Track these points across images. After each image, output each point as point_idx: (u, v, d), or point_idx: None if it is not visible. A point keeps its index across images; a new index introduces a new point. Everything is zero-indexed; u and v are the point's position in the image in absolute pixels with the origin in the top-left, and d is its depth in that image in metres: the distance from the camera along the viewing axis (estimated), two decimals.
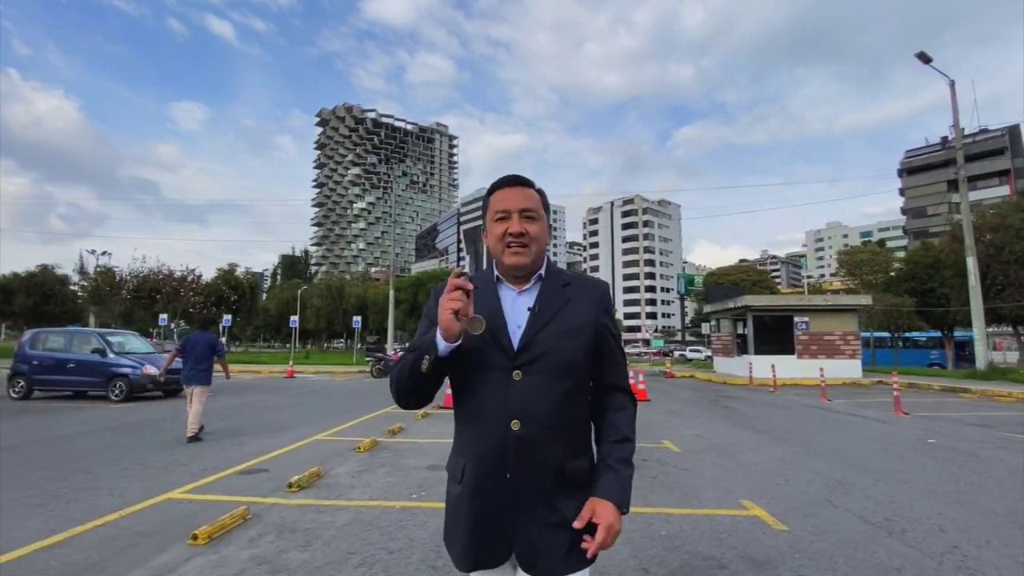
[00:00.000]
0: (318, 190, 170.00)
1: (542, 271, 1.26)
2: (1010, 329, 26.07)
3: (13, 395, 11.68)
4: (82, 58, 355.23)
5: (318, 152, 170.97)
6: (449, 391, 10.91)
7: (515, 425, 1.12)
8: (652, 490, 4.63)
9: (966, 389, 14.51)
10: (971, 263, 17.85)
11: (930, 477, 5.20)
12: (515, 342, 1.16)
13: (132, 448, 6.44)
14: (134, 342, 13.17)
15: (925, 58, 17.90)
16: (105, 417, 9.13)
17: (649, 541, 3.40)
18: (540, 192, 1.27)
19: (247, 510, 3.88)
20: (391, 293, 27.80)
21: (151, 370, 11.65)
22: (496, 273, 1.27)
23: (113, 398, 11.31)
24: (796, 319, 19.44)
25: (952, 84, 18.64)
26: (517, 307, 1.21)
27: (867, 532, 3.59)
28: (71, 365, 11.67)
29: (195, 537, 3.33)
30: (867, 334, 29.69)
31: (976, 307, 17.73)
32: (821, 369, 14.81)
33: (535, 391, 1.13)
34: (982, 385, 15.08)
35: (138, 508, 4.03)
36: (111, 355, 11.67)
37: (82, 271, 39.46)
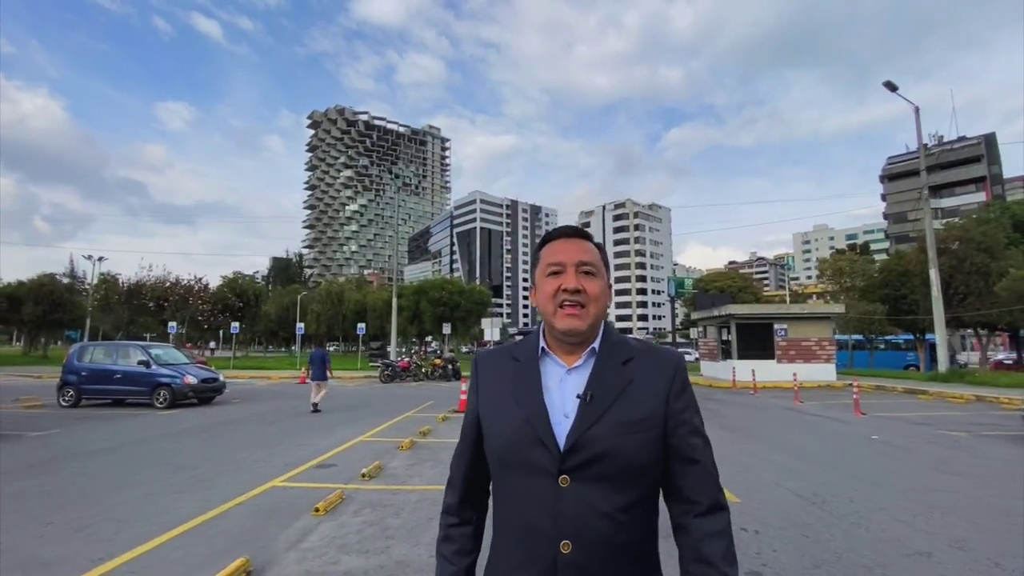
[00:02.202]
0: (310, 192, 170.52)
1: (596, 343, 1.06)
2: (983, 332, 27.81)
3: (63, 403, 12.80)
4: (66, 57, 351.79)
5: (310, 154, 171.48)
6: (464, 396, 11.94)
7: (565, 547, 0.93)
8: None
9: (925, 391, 16.06)
10: (933, 275, 19.49)
11: (860, 465, 6.62)
12: (561, 439, 0.97)
13: (210, 448, 7.68)
14: (172, 353, 14.33)
15: (891, 86, 19.51)
16: (162, 423, 10.33)
17: None
18: (599, 247, 1.12)
19: (341, 493, 5.18)
20: (394, 301, 29.07)
21: (191, 379, 12.85)
22: (543, 343, 1.09)
23: (158, 405, 12.49)
24: (776, 326, 20.96)
25: (917, 110, 20.28)
26: (565, 390, 1.02)
27: (797, 502, 4.98)
28: (118, 375, 12.83)
29: (317, 510, 4.63)
30: (845, 337, 31.41)
31: (938, 315, 19.36)
32: (795, 374, 16.32)
33: (589, 504, 0.94)
34: (941, 387, 16.65)
35: (257, 492, 5.32)
36: (155, 366, 12.84)
37: (72, 275, 40.24)
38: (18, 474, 6.14)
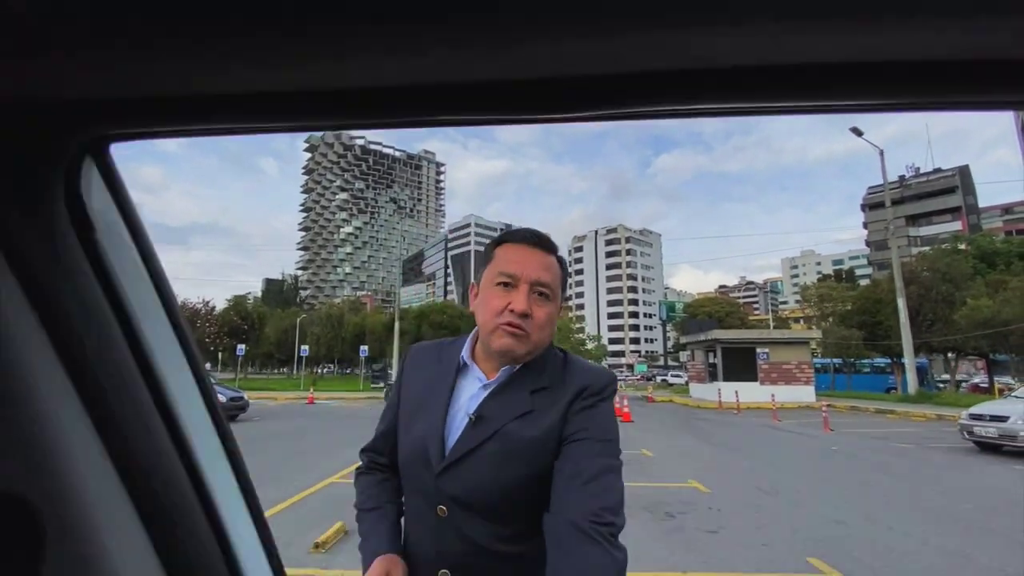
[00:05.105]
0: (305, 214, 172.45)
1: (522, 365, 0.92)
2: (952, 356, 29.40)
3: None
4: None
5: (306, 177, 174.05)
6: None
7: None
8: (635, 476, 7.27)
9: (893, 411, 17.48)
10: (901, 303, 21.12)
11: (814, 468, 7.95)
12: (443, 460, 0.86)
13: (259, 457, 8.79)
14: None
15: (857, 132, 21.43)
16: None
17: (632, 497, 6.03)
18: (561, 261, 0.96)
19: None
20: (396, 324, 30.28)
21: (221, 398, 13.81)
22: (469, 351, 0.96)
23: None
24: (758, 350, 22.40)
25: (881, 152, 22.25)
26: (473, 407, 0.90)
27: (755, 492, 6.28)
28: None
29: None
30: (827, 360, 32.95)
31: (907, 341, 20.92)
32: (772, 395, 17.72)
33: (467, 536, 0.84)
34: (908, 408, 18.08)
35: (319, 487, 6.53)
36: None
37: None
38: None
